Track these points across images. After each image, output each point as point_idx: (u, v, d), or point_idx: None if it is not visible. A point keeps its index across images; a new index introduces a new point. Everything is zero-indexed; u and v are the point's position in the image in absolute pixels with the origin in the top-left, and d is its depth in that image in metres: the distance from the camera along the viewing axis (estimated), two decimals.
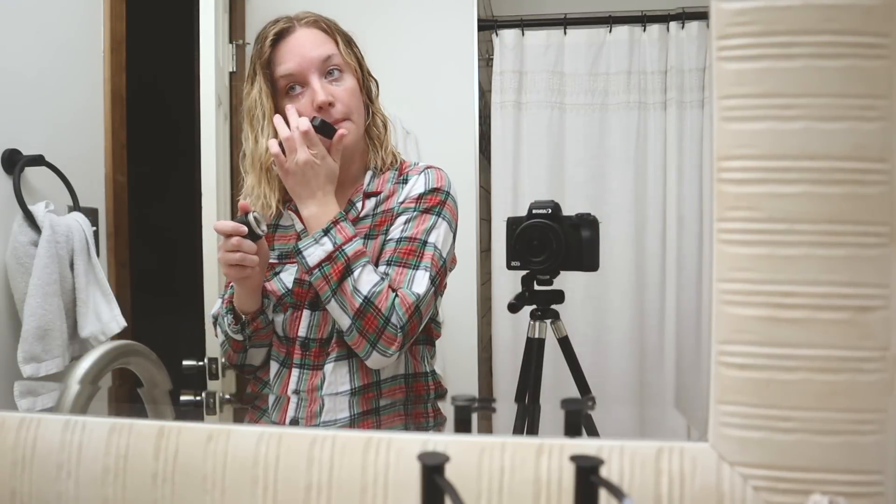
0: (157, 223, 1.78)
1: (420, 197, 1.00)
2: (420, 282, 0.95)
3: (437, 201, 1.00)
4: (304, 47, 0.99)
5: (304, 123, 0.93)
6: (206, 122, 1.41)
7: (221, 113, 1.54)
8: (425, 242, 0.98)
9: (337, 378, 0.99)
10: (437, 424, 1.09)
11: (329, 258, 0.93)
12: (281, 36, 0.99)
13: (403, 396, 1.01)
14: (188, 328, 1.39)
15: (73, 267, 1.35)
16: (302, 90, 0.99)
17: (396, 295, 0.93)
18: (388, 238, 0.99)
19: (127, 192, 1.60)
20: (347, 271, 0.93)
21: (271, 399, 1.05)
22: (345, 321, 0.93)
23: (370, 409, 1.00)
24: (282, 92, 1.00)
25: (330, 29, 1.01)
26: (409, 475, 0.55)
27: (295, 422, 1.03)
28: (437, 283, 0.98)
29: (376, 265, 0.98)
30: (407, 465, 0.55)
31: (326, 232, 0.94)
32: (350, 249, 0.93)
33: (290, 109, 0.96)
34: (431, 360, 1.07)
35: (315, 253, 0.94)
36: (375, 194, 1.03)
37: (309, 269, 0.94)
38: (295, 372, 1.01)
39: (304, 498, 0.56)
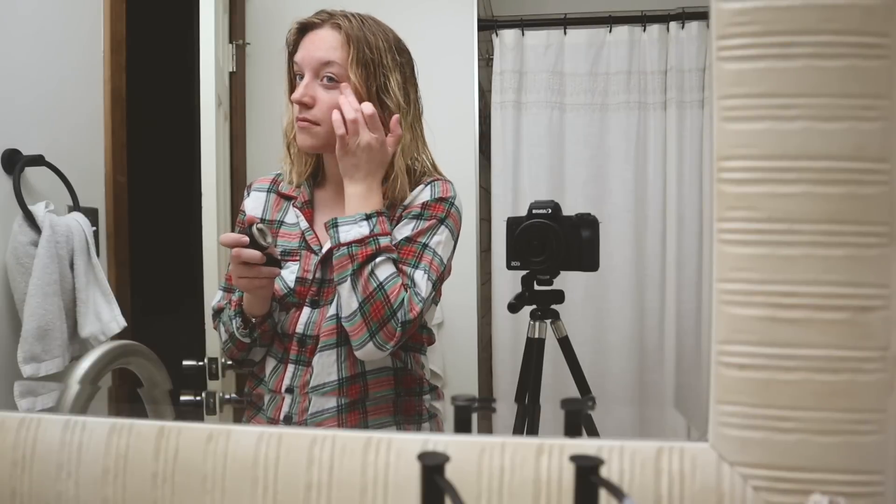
0: (157, 223, 1.78)
1: (424, 204, 1.01)
2: (420, 284, 0.96)
3: (441, 209, 1.01)
4: (315, 44, 1.00)
5: (368, 108, 0.95)
6: (206, 122, 1.41)
7: (221, 113, 1.54)
8: (425, 245, 0.99)
9: (324, 368, 0.99)
10: (430, 418, 1.09)
11: (362, 241, 0.94)
12: (307, 28, 1.02)
13: (392, 389, 1.01)
14: (188, 328, 1.39)
15: (73, 267, 1.35)
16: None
17: (407, 294, 0.94)
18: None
19: (127, 192, 1.60)
20: (374, 256, 0.94)
21: (267, 396, 1.06)
22: (353, 304, 0.94)
23: (357, 400, 1.00)
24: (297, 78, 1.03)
25: (349, 38, 0.99)
26: (409, 475, 0.55)
27: (288, 418, 1.03)
28: (437, 288, 0.99)
29: None
30: (407, 465, 0.55)
31: (369, 217, 0.95)
32: (383, 241, 0.95)
33: (347, 92, 0.97)
34: (421, 368, 1.07)
35: (351, 231, 0.95)
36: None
37: (338, 243, 0.95)
38: (290, 368, 1.01)
39: (304, 498, 0.56)
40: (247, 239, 0.94)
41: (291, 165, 1.07)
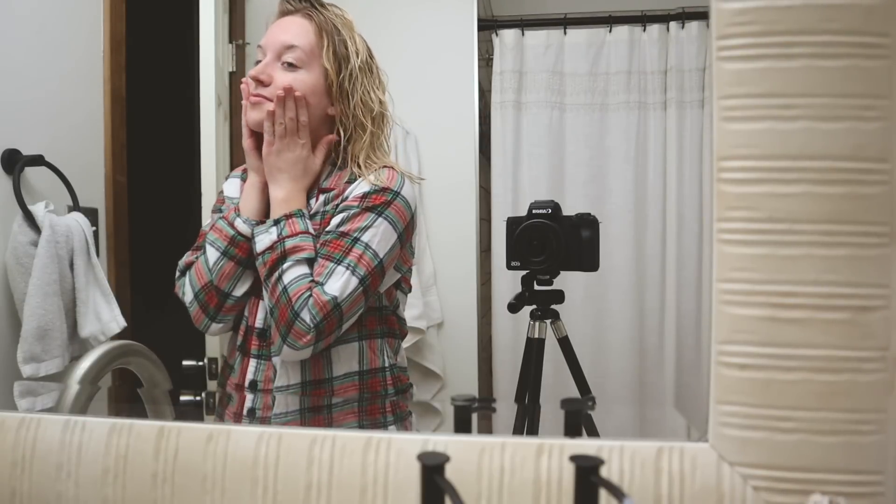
0: (157, 223, 1.78)
1: (364, 195, 0.98)
2: (338, 279, 0.93)
3: (381, 201, 0.98)
4: (282, 28, 1.01)
5: (304, 115, 0.98)
6: (206, 122, 1.41)
7: (221, 113, 1.54)
8: (356, 240, 0.96)
9: (288, 370, 0.99)
10: (397, 420, 1.07)
11: (271, 247, 0.96)
12: (280, 15, 1.04)
13: (357, 393, 1.00)
14: (188, 328, 1.38)
15: (72, 267, 1.34)
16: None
17: (311, 292, 0.93)
18: (324, 232, 0.99)
19: (127, 192, 1.60)
20: (281, 262, 0.95)
21: (232, 390, 1.06)
22: (266, 301, 0.96)
23: (322, 405, 1.00)
24: None
25: (322, 29, 1.00)
26: (409, 475, 0.55)
27: (252, 412, 1.04)
28: (369, 284, 0.95)
29: None
30: (407, 465, 0.55)
31: (277, 223, 0.97)
32: (289, 243, 0.95)
33: (289, 105, 0.98)
34: (395, 354, 1.05)
35: (263, 241, 0.97)
36: (327, 191, 1.02)
37: (256, 254, 0.97)
38: (252, 362, 1.02)
39: (304, 498, 0.56)
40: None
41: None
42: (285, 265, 0.94)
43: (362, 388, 1.00)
